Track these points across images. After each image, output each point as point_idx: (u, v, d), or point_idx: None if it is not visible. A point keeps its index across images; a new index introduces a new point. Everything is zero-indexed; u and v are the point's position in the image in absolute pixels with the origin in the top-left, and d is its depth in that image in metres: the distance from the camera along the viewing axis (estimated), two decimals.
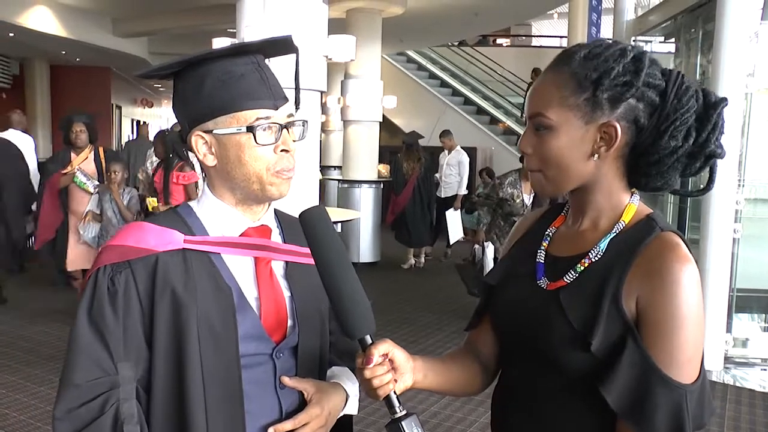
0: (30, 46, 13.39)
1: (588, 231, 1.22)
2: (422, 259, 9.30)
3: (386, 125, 13.38)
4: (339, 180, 9.79)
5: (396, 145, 11.01)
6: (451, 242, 9.23)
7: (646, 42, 8.12)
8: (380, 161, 10.17)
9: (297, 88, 1.33)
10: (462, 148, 9.50)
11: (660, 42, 8.19)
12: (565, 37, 14.11)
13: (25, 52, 14.65)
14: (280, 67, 1.37)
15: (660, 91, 1.14)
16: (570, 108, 1.14)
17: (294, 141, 1.26)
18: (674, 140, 1.12)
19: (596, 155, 1.16)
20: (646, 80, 1.13)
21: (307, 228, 1.14)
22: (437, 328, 6.18)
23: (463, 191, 9.25)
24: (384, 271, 8.96)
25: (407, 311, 6.84)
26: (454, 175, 9.26)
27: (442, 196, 9.32)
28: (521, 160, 1.40)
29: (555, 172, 1.17)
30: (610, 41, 1.17)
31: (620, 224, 1.18)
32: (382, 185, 9.53)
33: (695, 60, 6.64)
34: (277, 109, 1.23)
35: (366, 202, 9.18)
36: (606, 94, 1.12)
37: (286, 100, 1.25)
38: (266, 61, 1.29)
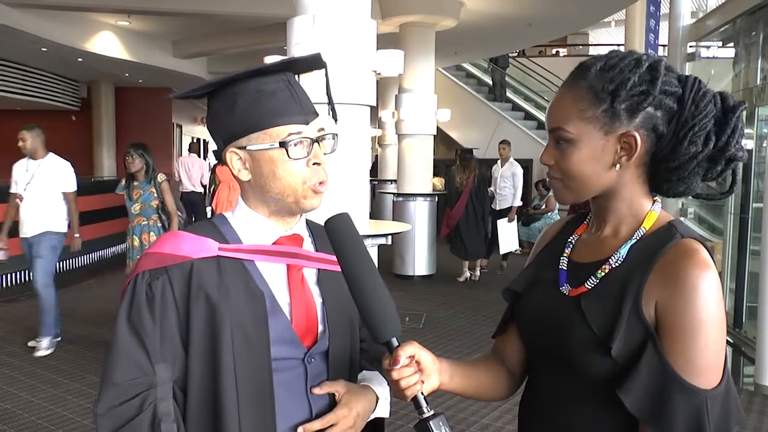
0: (96, 70, 13.97)
1: (609, 238, 1.23)
2: (477, 272, 9.27)
3: (442, 138, 13.40)
4: (394, 193, 9.87)
5: (452, 158, 11.02)
6: (502, 252, 9.18)
7: (707, 47, 7.92)
8: (436, 174, 10.20)
9: (330, 102, 1.39)
10: (518, 160, 9.48)
11: (719, 47, 7.98)
12: (623, 45, 13.88)
13: (91, 76, 15.27)
14: (318, 82, 1.43)
15: (677, 97, 1.15)
16: (589, 121, 1.16)
17: (325, 154, 1.31)
18: (694, 146, 1.13)
19: (617, 165, 1.17)
20: (663, 88, 1.14)
21: (332, 234, 1.19)
22: (492, 340, 6.12)
23: (518, 203, 9.24)
24: (439, 283, 8.98)
25: (462, 324, 6.83)
26: (508, 187, 9.25)
27: (497, 208, 9.30)
28: None
29: (577, 183, 1.19)
30: (626, 52, 1.19)
31: (641, 231, 1.19)
32: (436, 198, 9.55)
33: (756, 64, 6.46)
34: (307, 123, 1.28)
35: (421, 215, 9.22)
36: (623, 105, 1.14)
37: (316, 114, 1.31)
38: (297, 77, 1.34)
